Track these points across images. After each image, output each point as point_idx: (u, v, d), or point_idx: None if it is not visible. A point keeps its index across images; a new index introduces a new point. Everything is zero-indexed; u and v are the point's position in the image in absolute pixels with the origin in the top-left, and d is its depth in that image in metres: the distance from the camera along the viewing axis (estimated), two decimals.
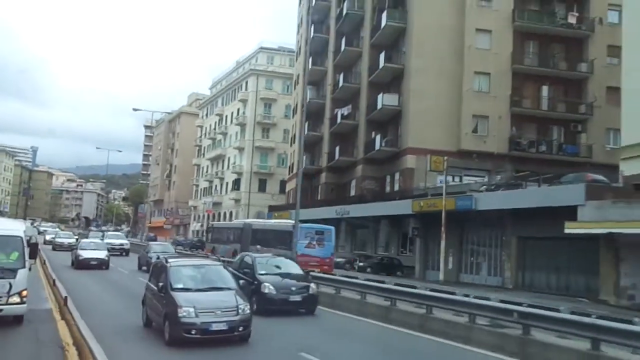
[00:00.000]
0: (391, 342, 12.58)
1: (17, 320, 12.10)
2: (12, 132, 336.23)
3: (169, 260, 12.41)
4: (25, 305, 12.01)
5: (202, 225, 76.41)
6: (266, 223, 39.07)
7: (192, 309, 10.44)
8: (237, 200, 70.12)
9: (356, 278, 19.42)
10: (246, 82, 72.69)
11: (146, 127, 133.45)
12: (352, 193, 44.69)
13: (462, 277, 32.60)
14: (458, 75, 37.40)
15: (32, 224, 74.01)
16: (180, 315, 10.40)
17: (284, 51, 75.78)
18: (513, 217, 28.57)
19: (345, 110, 45.31)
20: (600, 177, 26.60)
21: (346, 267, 36.06)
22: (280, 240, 30.22)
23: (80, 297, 15.81)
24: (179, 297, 10.81)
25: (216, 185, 79.35)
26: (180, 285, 11.26)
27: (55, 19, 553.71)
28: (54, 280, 18.69)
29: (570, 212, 23.92)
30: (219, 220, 69.95)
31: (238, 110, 73.66)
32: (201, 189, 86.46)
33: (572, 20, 38.13)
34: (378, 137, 39.75)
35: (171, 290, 11.06)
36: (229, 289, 11.58)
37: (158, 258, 14.49)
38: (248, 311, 11.06)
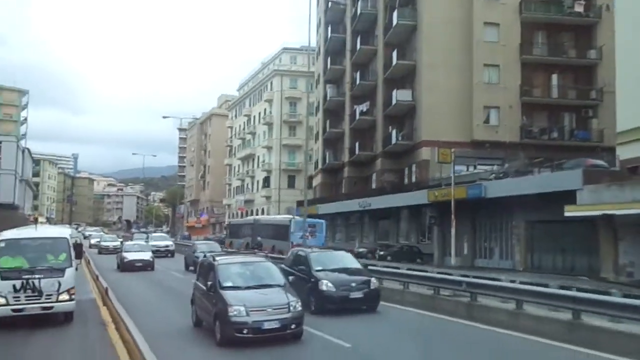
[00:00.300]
0: (474, 339, 11.62)
1: (67, 317, 12.96)
2: (53, 140, 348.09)
3: (217, 258, 12.15)
4: (73, 302, 12.79)
5: None
6: (269, 219, 45.42)
7: (242, 308, 10.20)
8: (267, 197, 72.67)
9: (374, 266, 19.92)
10: (271, 83, 75.07)
11: (179, 129, 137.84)
12: (373, 186, 46.50)
13: (477, 262, 34.16)
14: (468, 69, 38.78)
15: (76, 228, 77.72)
16: (230, 314, 10.17)
17: (306, 50, 77.72)
18: (521, 202, 29.93)
19: (364, 107, 47.14)
20: (600, 162, 27.86)
21: (368, 256, 38.01)
22: (278, 233, 36.02)
23: (127, 301, 15.21)
24: (229, 295, 10.56)
25: (248, 184, 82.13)
26: (229, 284, 11.02)
27: (88, 28, 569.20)
28: (97, 276, 21.54)
29: (571, 196, 25.34)
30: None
31: (265, 110, 76.14)
32: (234, 188, 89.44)
33: (579, 8, 39.00)
34: (394, 132, 41.51)
35: (220, 289, 10.82)
36: (279, 285, 11.35)
37: (204, 257, 14.16)
38: (300, 308, 10.73)
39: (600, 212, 23.92)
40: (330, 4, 52.69)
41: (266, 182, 73.87)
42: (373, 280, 14.76)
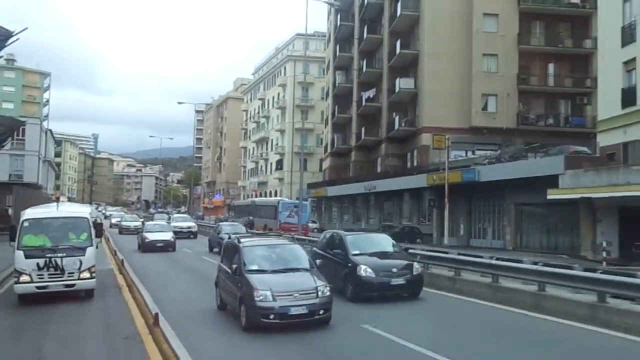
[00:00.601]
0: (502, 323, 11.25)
1: (88, 294, 13.42)
2: (74, 119, 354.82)
3: (242, 240, 11.81)
4: (94, 280, 13.25)
5: None
6: (262, 200, 51.78)
7: (268, 292, 9.89)
8: (280, 179, 75.24)
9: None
10: (284, 68, 77.19)
11: (197, 111, 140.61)
12: (379, 169, 48.77)
13: (472, 241, 36.41)
14: (468, 58, 40.60)
15: (96, 208, 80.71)
16: (256, 299, 9.85)
17: (319, 36, 79.58)
18: (511, 186, 32.05)
19: (370, 94, 49.23)
20: (583, 148, 29.89)
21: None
22: (268, 213, 41.78)
23: (149, 280, 15.86)
24: (255, 279, 10.23)
25: (261, 166, 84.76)
26: (254, 267, 10.71)
27: (108, 10, 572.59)
28: (115, 251, 24.39)
29: (555, 181, 27.43)
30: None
31: (278, 94, 78.39)
32: (248, 170, 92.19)
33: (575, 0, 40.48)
34: (397, 118, 43.62)
35: (245, 272, 10.52)
36: (306, 269, 10.99)
37: (229, 238, 13.88)
38: (328, 293, 10.35)
39: (579, 196, 26.02)
40: None
41: (279, 164, 76.40)
42: (415, 265, 13.77)
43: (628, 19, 26.59)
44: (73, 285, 12.85)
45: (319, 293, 10.22)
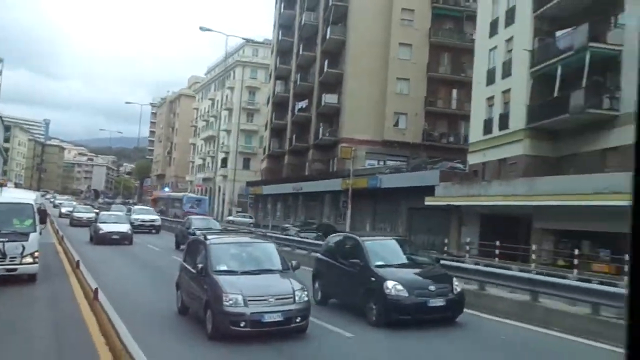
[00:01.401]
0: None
1: (30, 278, 13.47)
2: (24, 102, 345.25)
3: (208, 236, 10.86)
4: (37, 265, 13.38)
5: None
6: (172, 194, 66.69)
7: (239, 297, 8.92)
8: (225, 177, 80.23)
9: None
10: (233, 72, 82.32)
11: (152, 105, 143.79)
12: (306, 173, 54.67)
13: None
14: (384, 80, 46.91)
15: (43, 195, 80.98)
16: (225, 303, 8.88)
17: (268, 44, 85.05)
18: (406, 193, 38.27)
19: (303, 104, 55.08)
20: (459, 165, 36.45)
21: (292, 232, 46.15)
22: (176, 204, 53.15)
23: (105, 281, 13.41)
24: (223, 281, 9.27)
25: (208, 163, 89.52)
26: (223, 267, 9.76)
27: None
28: (57, 230, 27.24)
29: (433, 190, 33.89)
30: (210, 193, 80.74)
31: (227, 96, 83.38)
32: (196, 166, 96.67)
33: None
34: (322, 128, 49.65)
35: (213, 273, 9.53)
36: (281, 271, 10.04)
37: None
38: (306, 298, 9.43)
39: (445, 203, 32.50)
40: (282, 10, 60.19)
41: (224, 162, 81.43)
42: (455, 281, 11.27)
43: (492, 64, 33.28)
44: (15, 269, 12.97)
45: (297, 298, 9.28)
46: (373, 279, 10.96)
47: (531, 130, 29.06)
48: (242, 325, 8.84)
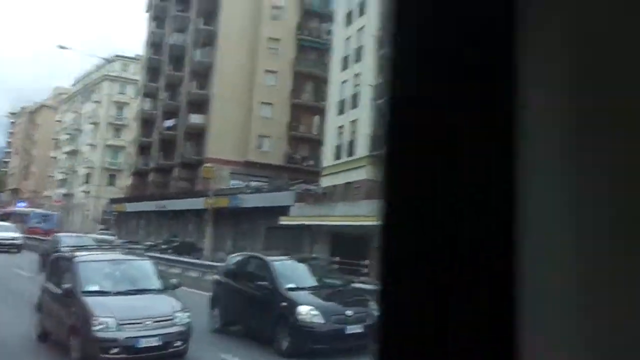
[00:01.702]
0: None
1: None
2: None
3: (76, 254, 10.16)
4: None
5: None
6: (19, 210, 63.75)
7: (111, 320, 8.27)
8: (87, 193, 77.42)
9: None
10: (101, 85, 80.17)
11: (11, 114, 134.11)
12: (171, 191, 54.87)
13: None
14: (249, 104, 48.88)
15: None
16: (95, 328, 8.21)
17: (140, 59, 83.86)
18: (263, 212, 40.16)
19: (171, 123, 55.41)
20: (313, 187, 39.20)
21: (153, 249, 46.20)
22: (23, 219, 50.94)
23: None
24: (93, 303, 8.60)
25: (70, 178, 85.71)
26: (93, 287, 9.07)
27: None
28: None
29: (288, 210, 36.09)
30: (70, 211, 77.24)
31: (93, 110, 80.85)
32: (57, 180, 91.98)
33: None
34: (188, 147, 50.43)
35: (81, 295, 8.79)
36: (159, 290, 9.48)
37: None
38: (187, 320, 8.87)
39: (297, 222, 34.87)
40: (154, 28, 60.35)
41: (87, 178, 78.57)
42: (372, 303, 9.96)
43: (343, 95, 36.56)
44: None
45: (176, 320, 8.72)
46: (284, 303, 10.11)
47: (373, 157, 32.36)
48: (113, 351, 8.17)
